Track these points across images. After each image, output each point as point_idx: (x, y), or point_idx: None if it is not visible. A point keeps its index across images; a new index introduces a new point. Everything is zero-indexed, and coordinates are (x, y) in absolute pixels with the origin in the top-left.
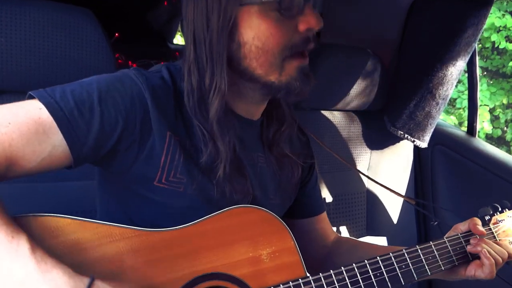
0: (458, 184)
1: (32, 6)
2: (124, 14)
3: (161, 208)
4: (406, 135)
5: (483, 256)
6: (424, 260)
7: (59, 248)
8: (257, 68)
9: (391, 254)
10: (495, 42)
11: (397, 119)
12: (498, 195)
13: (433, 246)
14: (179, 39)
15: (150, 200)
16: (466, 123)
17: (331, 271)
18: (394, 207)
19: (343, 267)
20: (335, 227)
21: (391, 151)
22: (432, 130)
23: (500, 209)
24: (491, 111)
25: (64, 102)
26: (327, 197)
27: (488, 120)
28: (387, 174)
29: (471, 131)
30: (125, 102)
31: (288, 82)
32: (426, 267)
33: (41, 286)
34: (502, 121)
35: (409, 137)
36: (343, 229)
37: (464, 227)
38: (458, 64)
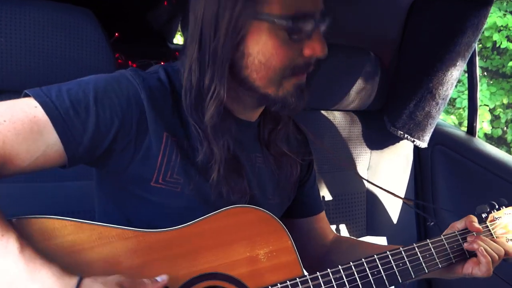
0: (458, 184)
1: (32, 6)
2: (124, 14)
3: (158, 209)
4: (406, 135)
5: (479, 254)
6: (421, 258)
7: (56, 249)
8: (256, 80)
9: (388, 252)
10: (496, 41)
11: (397, 119)
12: (498, 195)
13: (430, 244)
14: (179, 39)
15: (147, 201)
16: (466, 123)
17: (328, 269)
18: (394, 207)
19: (341, 266)
20: (335, 227)
21: (391, 151)
22: (432, 130)
23: (497, 206)
24: (491, 111)
25: (59, 101)
26: (327, 197)
27: (488, 120)
28: (387, 174)
29: (471, 131)
30: (121, 102)
31: (285, 97)
32: (423, 264)
33: (29, 285)
34: (503, 121)
35: (409, 137)
36: (343, 229)
37: (461, 224)
38: (458, 64)
